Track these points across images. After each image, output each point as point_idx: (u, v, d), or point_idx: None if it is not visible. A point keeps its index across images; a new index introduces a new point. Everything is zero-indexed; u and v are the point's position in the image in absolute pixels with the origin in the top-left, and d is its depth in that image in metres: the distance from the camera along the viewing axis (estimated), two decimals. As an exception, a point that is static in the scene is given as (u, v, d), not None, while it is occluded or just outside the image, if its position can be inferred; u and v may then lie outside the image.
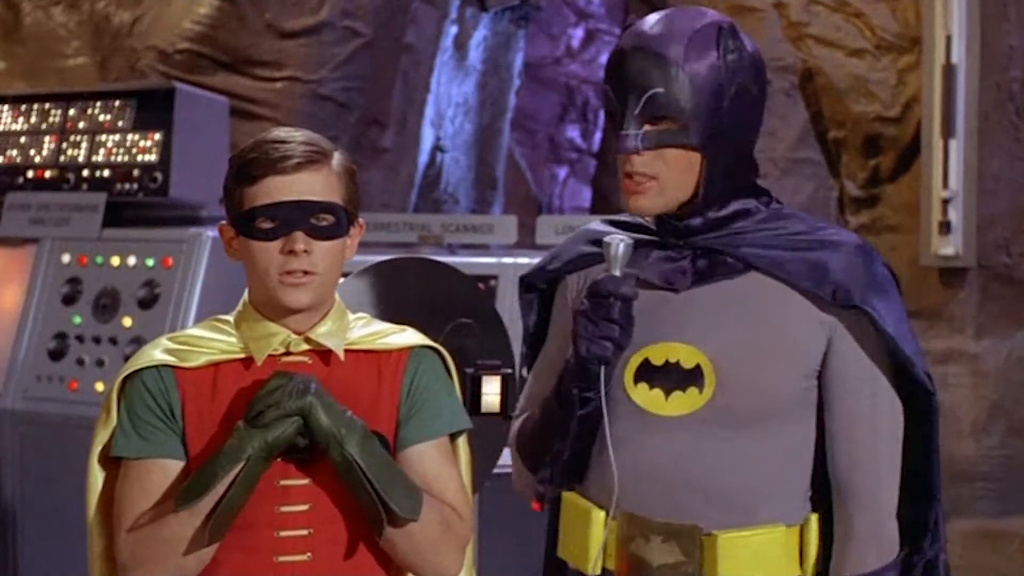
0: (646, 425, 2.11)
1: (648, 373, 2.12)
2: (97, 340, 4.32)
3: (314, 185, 2.10)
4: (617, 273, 2.06)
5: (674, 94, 2.07)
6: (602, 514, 2.14)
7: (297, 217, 2.08)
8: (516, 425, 2.33)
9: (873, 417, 2.15)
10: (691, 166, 2.11)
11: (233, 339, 2.15)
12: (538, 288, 2.34)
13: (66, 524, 4.17)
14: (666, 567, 2.10)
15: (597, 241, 2.21)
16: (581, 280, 2.25)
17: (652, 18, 2.13)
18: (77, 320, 4.38)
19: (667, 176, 2.10)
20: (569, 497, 2.22)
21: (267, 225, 2.09)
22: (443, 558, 2.13)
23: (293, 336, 2.14)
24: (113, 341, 4.29)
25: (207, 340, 2.16)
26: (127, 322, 4.29)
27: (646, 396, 2.12)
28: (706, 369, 2.09)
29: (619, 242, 2.07)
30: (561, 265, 2.29)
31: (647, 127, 2.08)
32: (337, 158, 2.14)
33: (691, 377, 2.10)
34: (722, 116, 2.10)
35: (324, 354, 2.15)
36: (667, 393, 2.11)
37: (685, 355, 2.11)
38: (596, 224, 2.31)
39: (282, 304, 2.11)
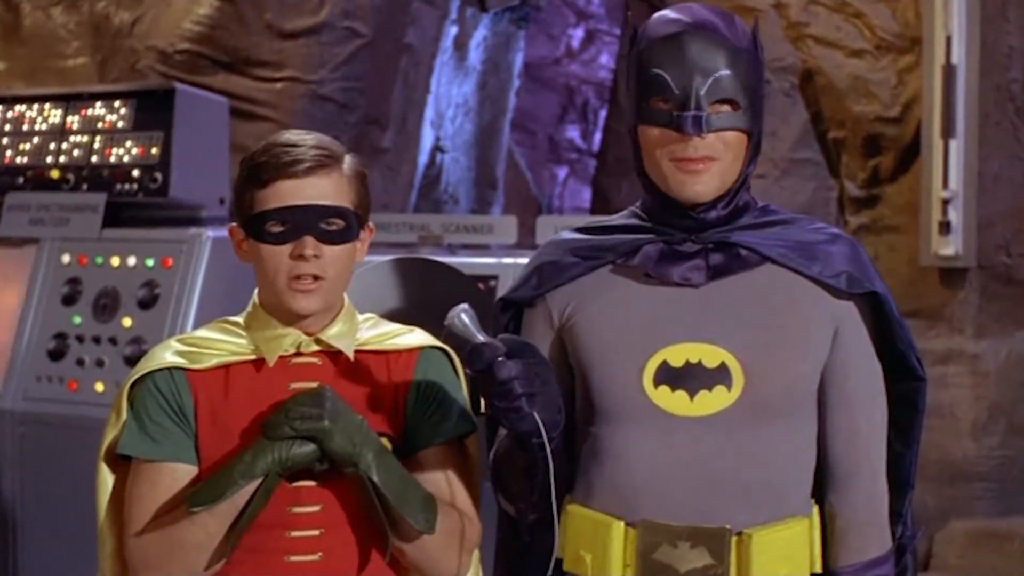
0: (670, 428, 2.09)
1: (669, 375, 2.10)
2: (97, 340, 4.32)
3: (325, 189, 2.10)
4: (480, 340, 1.98)
5: (739, 76, 2.08)
6: (621, 524, 2.10)
7: (307, 221, 2.08)
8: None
9: (872, 407, 2.18)
10: (742, 150, 2.11)
11: (243, 340, 2.16)
12: (516, 307, 2.26)
13: (66, 524, 4.17)
14: (694, 571, 2.07)
15: (578, 251, 2.19)
16: (569, 295, 2.19)
17: (687, 8, 2.13)
18: (77, 320, 4.38)
19: (724, 159, 2.09)
20: (577, 510, 2.16)
21: (277, 229, 2.09)
22: (452, 561, 2.14)
23: (304, 337, 2.14)
24: (113, 341, 4.29)
25: (217, 342, 2.16)
26: (127, 322, 4.29)
27: (669, 399, 2.09)
28: (733, 367, 2.08)
29: (458, 314, 2.02)
30: (550, 283, 2.21)
31: (708, 110, 2.07)
32: (348, 162, 2.14)
33: (717, 376, 2.08)
34: (762, 102, 2.14)
35: (334, 355, 2.15)
36: (692, 394, 2.09)
37: (707, 354, 2.09)
38: (567, 233, 2.26)
39: (291, 310, 2.11)
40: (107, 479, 2.18)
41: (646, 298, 2.13)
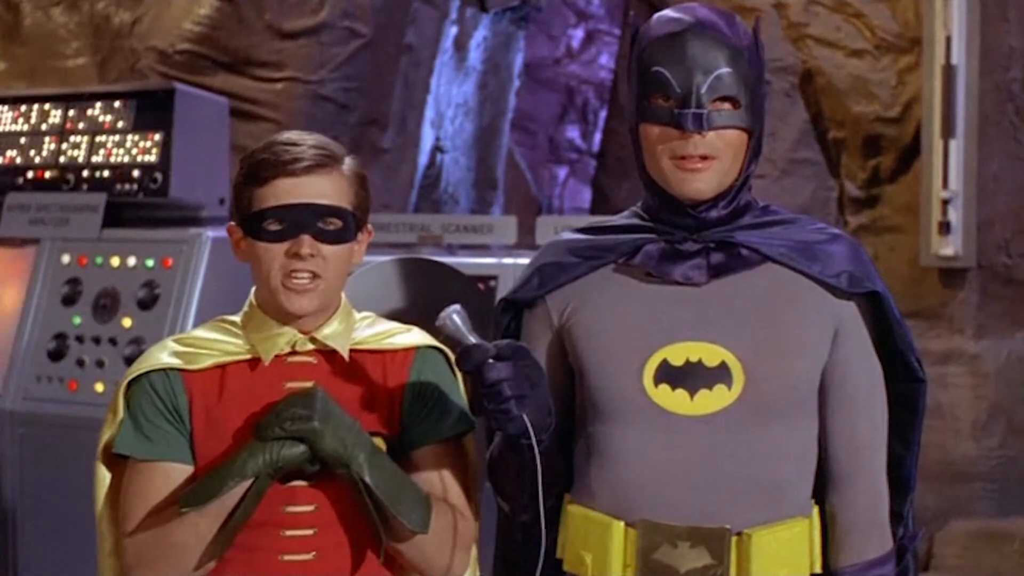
0: (671, 427, 2.09)
1: (669, 374, 2.10)
2: (97, 341, 4.32)
3: (323, 189, 2.10)
4: (470, 341, 2.00)
5: (739, 75, 2.08)
6: (621, 524, 2.10)
7: (305, 220, 2.08)
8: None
9: (872, 407, 2.18)
10: (742, 149, 2.11)
11: (239, 340, 2.16)
12: (517, 308, 2.26)
13: (66, 524, 4.17)
14: (694, 571, 2.07)
15: (579, 251, 2.19)
16: (570, 296, 2.19)
17: (688, 7, 2.14)
18: (77, 321, 4.38)
19: (725, 157, 2.09)
20: (576, 511, 2.17)
21: (275, 227, 2.09)
22: (448, 560, 2.14)
23: (299, 336, 2.14)
24: (113, 342, 4.29)
25: (213, 342, 2.16)
26: (127, 323, 4.29)
27: (670, 397, 2.09)
28: (733, 366, 2.09)
29: (449, 315, 2.02)
30: (551, 283, 2.20)
31: (709, 108, 2.07)
32: (348, 163, 2.15)
33: (717, 375, 2.09)
34: (763, 101, 2.14)
35: (330, 354, 2.15)
36: (692, 393, 2.09)
37: (707, 353, 2.09)
38: (568, 234, 2.26)
39: (286, 310, 2.11)
40: (104, 478, 2.19)
41: (647, 297, 2.14)
